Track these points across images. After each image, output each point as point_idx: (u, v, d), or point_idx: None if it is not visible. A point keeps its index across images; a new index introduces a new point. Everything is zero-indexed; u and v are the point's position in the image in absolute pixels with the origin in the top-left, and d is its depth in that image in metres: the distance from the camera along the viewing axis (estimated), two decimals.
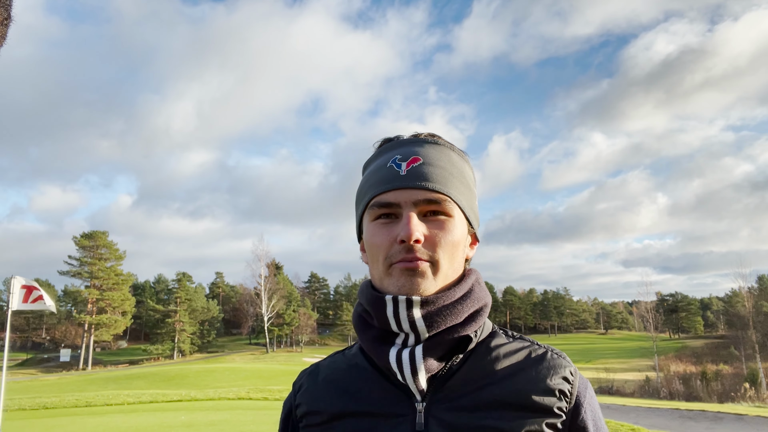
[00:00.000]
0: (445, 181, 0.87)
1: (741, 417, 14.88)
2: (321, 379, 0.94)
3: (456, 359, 0.85)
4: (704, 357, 63.70)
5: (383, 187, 0.87)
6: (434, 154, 0.90)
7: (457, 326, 0.84)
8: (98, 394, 19.29)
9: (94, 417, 12.68)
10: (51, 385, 35.47)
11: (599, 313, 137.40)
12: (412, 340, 0.84)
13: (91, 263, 64.99)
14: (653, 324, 59.07)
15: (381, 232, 0.86)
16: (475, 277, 0.92)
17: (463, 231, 0.89)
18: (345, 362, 0.95)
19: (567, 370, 0.86)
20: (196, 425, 10.69)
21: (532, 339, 0.92)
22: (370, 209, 0.88)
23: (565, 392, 0.83)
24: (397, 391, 0.85)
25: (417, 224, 0.83)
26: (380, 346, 0.85)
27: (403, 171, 0.87)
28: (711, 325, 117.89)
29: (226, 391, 19.08)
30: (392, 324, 0.84)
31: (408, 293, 0.82)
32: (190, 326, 73.96)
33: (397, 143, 0.95)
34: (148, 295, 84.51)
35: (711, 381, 40.93)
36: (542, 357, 0.87)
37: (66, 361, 62.98)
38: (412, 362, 0.81)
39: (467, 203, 0.91)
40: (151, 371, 38.93)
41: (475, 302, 0.87)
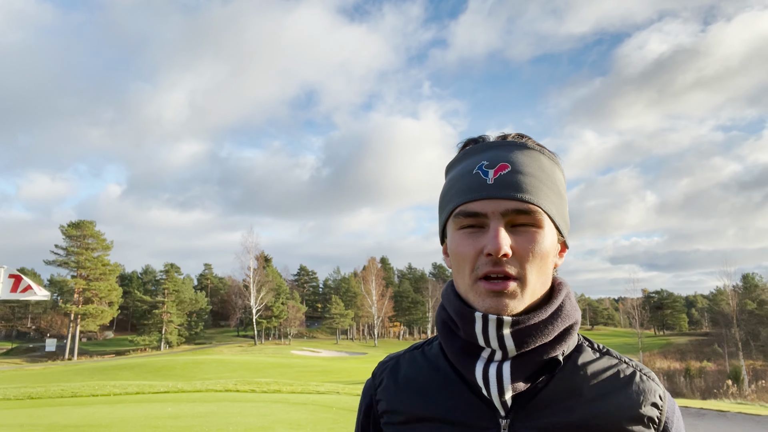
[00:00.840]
0: (535, 190, 0.82)
1: (723, 413, 15.09)
2: (401, 377, 0.92)
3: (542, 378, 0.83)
4: (688, 354, 64.53)
5: (470, 196, 0.83)
6: (523, 160, 0.85)
7: (546, 345, 0.82)
8: (84, 384, 19.19)
9: (80, 407, 12.61)
10: (36, 374, 35.22)
11: (586, 309, 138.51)
12: (499, 356, 0.82)
13: (78, 253, 64.44)
14: (639, 320, 59.68)
15: (466, 242, 0.82)
16: (566, 292, 0.88)
17: (553, 241, 0.85)
18: (425, 362, 0.92)
19: (657, 394, 0.83)
20: (182, 417, 10.67)
21: (620, 355, 0.88)
22: (455, 218, 0.84)
23: (654, 419, 0.80)
24: (481, 403, 0.83)
25: (505, 237, 0.79)
26: (466, 359, 0.83)
27: (491, 179, 0.82)
28: (695, 322, 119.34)
29: (214, 383, 19.05)
30: (480, 340, 0.82)
31: (495, 313, 0.80)
32: (178, 317, 73.65)
33: (483, 146, 0.89)
34: (135, 286, 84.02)
35: (695, 377, 41.49)
36: (631, 378, 0.83)
37: (51, 351, 62.54)
38: (499, 380, 0.80)
39: (557, 211, 0.85)
40: (137, 362, 38.78)
41: (566, 320, 0.84)
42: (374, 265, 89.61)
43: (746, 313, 63.89)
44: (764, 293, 70.62)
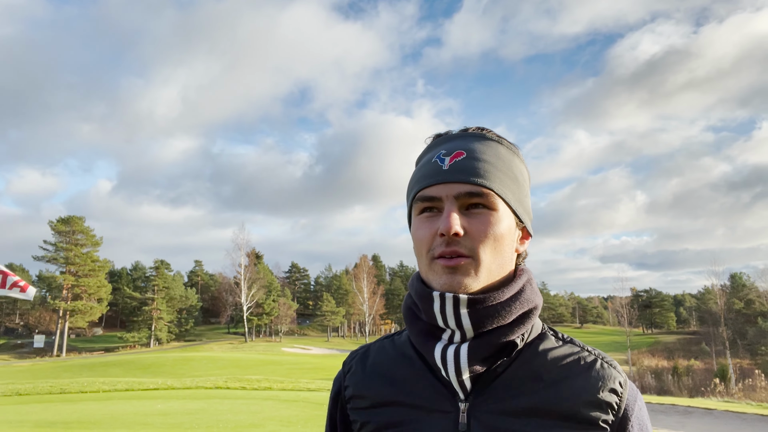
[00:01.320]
0: (488, 174, 0.86)
1: (710, 411, 15.24)
2: (369, 364, 0.95)
3: (501, 362, 0.84)
4: (676, 352, 65.09)
5: (426, 182, 0.87)
6: (480, 148, 0.89)
7: (504, 327, 0.83)
8: (73, 381, 19.07)
9: (69, 404, 12.54)
10: (24, 371, 34.97)
11: (575, 307, 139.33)
12: (458, 337, 0.84)
13: (67, 249, 63.93)
14: (627, 319, 60.15)
15: (424, 225, 0.86)
16: (527, 278, 0.90)
17: (509, 225, 0.87)
18: (393, 350, 0.95)
19: (617, 381, 0.83)
20: (172, 414, 10.64)
21: (584, 344, 0.89)
22: (415, 203, 0.89)
23: (613, 405, 0.81)
24: (443, 387, 0.85)
25: (456, 217, 0.82)
26: (427, 341, 0.85)
27: (446, 165, 0.86)
28: (683, 321, 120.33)
29: (204, 380, 19.01)
30: (439, 320, 0.84)
31: (451, 290, 0.82)
32: (168, 314, 73.27)
33: (445, 138, 0.95)
34: (124, 282, 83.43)
35: (682, 376, 41.86)
36: (591, 365, 0.84)
37: (40, 347, 62.08)
38: (456, 360, 0.81)
39: (514, 197, 0.89)
40: (127, 359, 38.58)
41: (525, 304, 0.86)
42: (366, 262, 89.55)
43: (734, 312, 64.52)
44: (752, 293, 71.31)
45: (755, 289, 71.05)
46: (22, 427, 9.04)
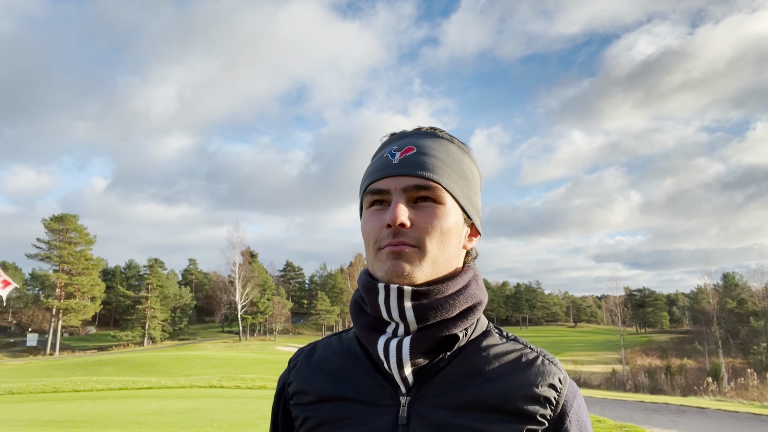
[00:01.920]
0: (436, 168, 0.87)
1: (703, 410, 15.33)
2: (314, 360, 0.96)
3: (443, 356, 0.85)
4: (669, 351, 65.37)
5: (376, 176, 0.88)
6: (430, 144, 0.91)
7: (447, 321, 0.84)
8: (66, 380, 18.99)
9: (62, 403, 12.49)
10: (17, 369, 34.80)
11: (569, 306, 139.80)
12: (401, 330, 0.84)
13: (60, 247, 63.61)
14: (621, 318, 60.33)
15: (372, 218, 0.88)
16: (473, 274, 0.92)
17: (457, 220, 0.88)
18: (339, 346, 0.96)
19: (556, 377, 0.84)
20: (166, 413, 10.61)
21: (527, 342, 0.91)
22: (365, 197, 0.90)
23: (551, 400, 0.82)
24: (385, 382, 0.85)
25: (403, 209, 0.83)
26: (371, 334, 0.86)
27: (396, 160, 0.88)
28: (676, 320, 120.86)
29: (198, 378, 18.97)
30: (383, 312, 0.85)
31: (394, 276, 0.82)
32: (162, 313, 73.02)
33: (398, 136, 0.96)
34: (118, 281, 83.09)
35: (675, 375, 42.06)
36: (532, 362, 0.85)
37: (33, 345, 61.78)
38: (398, 353, 0.82)
39: (462, 193, 0.90)
40: (120, 358, 38.44)
41: (469, 299, 0.87)
42: (361, 261, 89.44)
43: (726, 311, 64.91)
44: (744, 292, 71.78)
45: (747, 289, 71.54)
46: (15, 426, 9.00)
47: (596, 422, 10.15)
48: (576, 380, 43.11)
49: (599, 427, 9.56)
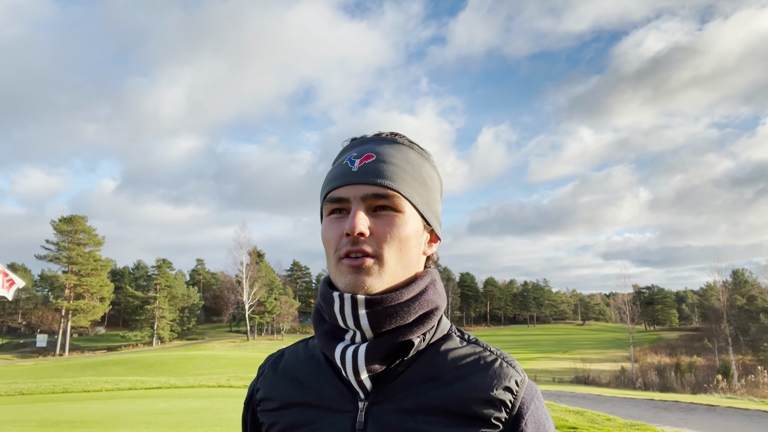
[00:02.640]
0: (395, 176, 0.87)
1: (713, 408, 15.23)
2: (281, 367, 0.97)
3: (401, 361, 0.86)
4: (678, 349, 65.02)
5: (335, 183, 0.88)
6: (390, 152, 0.90)
7: (403, 328, 0.84)
8: (76, 380, 19.10)
9: (72, 403, 12.56)
10: (27, 370, 35.06)
11: (577, 304, 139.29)
12: (359, 337, 0.85)
13: (69, 248, 64.01)
14: (630, 316, 60.02)
15: (332, 226, 0.88)
16: (431, 279, 0.91)
17: (416, 227, 0.89)
18: (305, 352, 0.97)
19: (513, 380, 0.84)
20: (175, 413, 10.65)
21: (488, 345, 0.90)
22: (325, 205, 0.90)
23: (506, 403, 0.82)
24: (345, 388, 0.86)
25: (362, 218, 0.83)
26: (330, 341, 0.87)
27: (355, 167, 0.88)
28: (686, 317, 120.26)
29: (206, 378, 19.04)
30: (339, 320, 0.86)
31: (354, 290, 0.83)
32: (170, 313, 73.35)
33: (357, 142, 0.96)
34: (127, 281, 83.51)
35: (685, 372, 41.79)
36: (490, 364, 0.85)
37: (42, 346, 62.24)
38: (354, 360, 0.83)
39: (421, 200, 0.90)
40: (129, 358, 38.65)
41: (425, 305, 0.87)
42: None
43: (736, 308, 64.46)
44: (754, 289, 71.24)
45: (757, 286, 70.96)
46: (26, 427, 9.06)
47: (606, 421, 10.10)
48: (585, 378, 42.97)
49: (609, 425, 9.51)
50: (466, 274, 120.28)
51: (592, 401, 17.48)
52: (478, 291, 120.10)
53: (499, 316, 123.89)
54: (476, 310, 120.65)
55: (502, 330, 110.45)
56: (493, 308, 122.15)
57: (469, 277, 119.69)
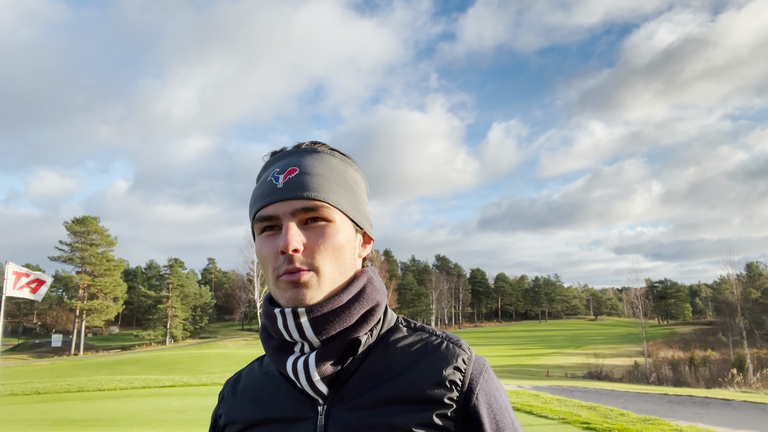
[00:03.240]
0: (321, 187, 0.88)
1: (728, 402, 15.10)
2: (239, 389, 0.98)
3: (350, 361, 0.87)
4: (692, 343, 64.46)
5: (263, 202, 0.88)
6: (312, 163, 0.91)
7: (348, 330, 0.86)
8: (91, 379, 19.29)
9: (87, 402, 12.69)
10: (43, 370, 35.48)
11: (589, 299, 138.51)
12: (307, 348, 0.87)
13: (82, 249, 64.64)
14: (642, 310, 59.56)
15: (266, 245, 0.88)
16: (367, 278, 0.92)
17: (348, 234, 0.90)
18: (260, 370, 0.98)
19: (459, 359, 0.85)
20: (188, 411, 10.72)
21: (434, 329, 0.92)
22: (256, 224, 0.90)
23: (456, 381, 0.83)
24: (303, 397, 0.87)
25: (294, 234, 0.84)
26: (280, 356, 0.88)
27: (280, 183, 0.88)
28: (699, 311, 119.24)
29: (219, 376, 19.13)
30: (285, 334, 0.87)
31: (295, 305, 0.84)
32: (183, 312, 73.91)
33: (279, 156, 0.96)
34: (139, 281, 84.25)
35: (699, 367, 41.46)
36: (437, 347, 0.87)
37: (57, 346, 62.91)
38: (305, 369, 0.84)
39: (350, 206, 0.91)
40: (143, 357, 38.96)
41: (366, 303, 0.88)
42: (378, 257, 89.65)
43: (750, 301, 63.85)
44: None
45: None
46: (42, 426, 9.17)
47: (619, 415, 10.03)
48: (597, 374, 42.73)
49: (622, 420, 9.45)
50: (477, 270, 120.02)
51: (606, 396, 17.38)
52: (489, 287, 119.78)
53: (511, 311, 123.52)
54: (487, 306, 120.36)
55: (513, 326, 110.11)
56: (504, 304, 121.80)
57: (480, 273, 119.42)
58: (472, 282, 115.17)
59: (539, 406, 10.83)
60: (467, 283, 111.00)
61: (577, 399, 13.84)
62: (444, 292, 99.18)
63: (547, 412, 10.17)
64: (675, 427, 8.96)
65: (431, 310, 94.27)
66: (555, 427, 8.80)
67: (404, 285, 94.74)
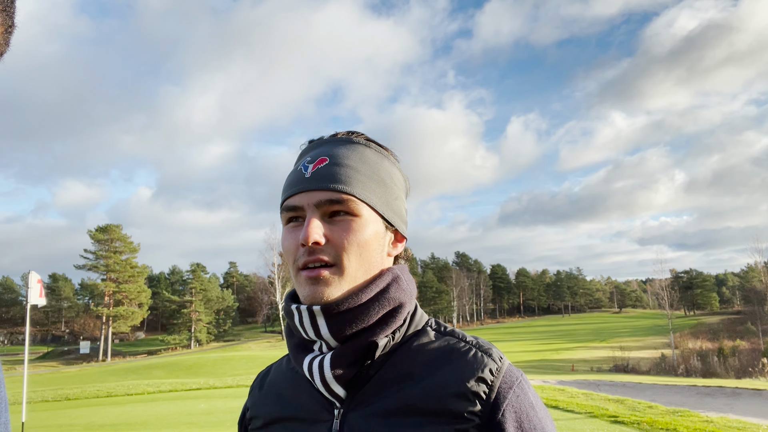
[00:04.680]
0: (350, 179, 0.84)
1: (759, 392, 14.80)
2: (266, 383, 0.97)
3: (371, 364, 0.83)
4: (720, 333, 63.26)
5: (290, 191, 0.86)
6: (344, 153, 0.87)
7: (367, 330, 0.82)
8: (119, 384, 19.60)
9: (116, 407, 12.88)
10: (72, 376, 36.12)
11: (613, 292, 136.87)
12: (325, 347, 0.83)
13: (106, 256, 65.71)
14: (668, 301, 58.67)
15: (289, 236, 0.85)
16: (392, 277, 0.87)
17: (376, 230, 0.85)
18: (287, 366, 0.96)
19: (486, 369, 0.78)
20: (215, 413, 10.83)
21: (464, 335, 0.86)
22: (282, 214, 0.87)
23: (480, 394, 0.76)
24: (321, 397, 0.85)
25: (316, 226, 0.80)
26: (299, 354, 0.86)
27: (308, 173, 0.85)
28: (726, 300, 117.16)
29: (244, 378, 19.29)
30: (302, 332, 0.84)
31: (313, 301, 0.81)
32: (206, 316, 74.74)
33: (312, 145, 0.93)
34: (163, 287, 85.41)
35: (728, 357, 40.72)
36: (463, 355, 0.81)
37: (86, 353, 64.00)
38: (320, 370, 0.81)
39: (380, 201, 0.87)
40: (169, 361, 39.46)
41: (387, 303, 0.83)
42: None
43: None
44: None
45: None
46: (72, 430, 9.33)
47: (647, 408, 9.89)
48: (624, 366, 42.17)
49: (651, 412, 9.31)
50: (497, 265, 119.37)
51: (633, 389, 17.15)
52: (510, 282, 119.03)
53: (533, 306, 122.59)
54: (509, 302, 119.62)
55: (536, 321, 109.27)
56: (526, 299, 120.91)
57: (500, 269, 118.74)
58: (493, 278, 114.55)
59: (565, 401, 10.73)
60: (488, 279, 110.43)
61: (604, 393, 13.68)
62: (464, 288, 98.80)
63: (573, 406, 10.07)
64: (705, 419, 8.81)
65: (452, 307, 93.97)
66: (582, 421, 8.71)
67: (424, 283, 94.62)
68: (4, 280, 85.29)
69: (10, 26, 0.61)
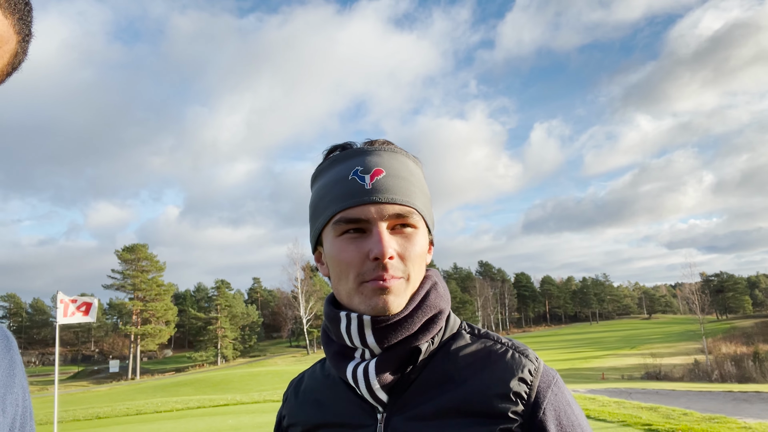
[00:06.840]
0: (410, 193, 0.86)
1: None
2: (302, 391, 0.98)
3: (412, 368, 0.85)
4: (755, 337, 61.58)
5: (350, 202, 0.83)
6: (395, 165, 0.88)
7: (410, 338, 0.83)
8: (148, 402, 19.77)
9: (145, 424, 12.98)
10: (102, 395, 36.59)
11: (641, 297, 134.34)
12: (368, 354, 0.85)
13: (133, 276, 66.76)
14: (699, 306, 57.34)
15: (349, 247, 0.83)
16: (431, 284, 0.89)
17: (426, 240, 0.89)
18: (322, 373, 0.97)
19: (526, 369, 0.81)
20: (243, 428, 10.85)
21: (499, 336, 0.88)
22: (336, 225, 0.85)
23: (521, 394, 0.79)
24: (363, 403, 0.86)
25: (389, 240, 0.81)
26: (341, 361, 0.87)
27: (368, 185, 0.84)
28: (760, 303, 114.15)
29: (271, 393, 19.31)
30: (346, 339, 0.85)
31: (377, 312, 0.81)
32: (232, 332, 75.26)
33: (352, 152, 0.90)
34: (189, 304, 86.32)
35: (764, 361, 39.57)
36: (501, 357, 0.83)
37: (115, 371, 64.84)
38: (365, 377, 0.82)
39: (427, 211, 0.90)
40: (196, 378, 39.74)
41: (428, 310, 0.85)
42: None
43: None
44: None
45: None
46: None
47: (682, 415, 9.63)
48: (656, 374, 41.25)
49: (686, 420, 9.06)
50: (521, 274, 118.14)
51: (666, 397, 16.74)
52: (534, 290, 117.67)
53: (559, 314, 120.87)
54: (534, 311, 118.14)
55: (563, 329, 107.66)
56: (552, 307, 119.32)
57: (525, 277, 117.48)
58: (518, 286, 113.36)
59: (596, 410, 10.51)
60: (512, 288, 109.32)
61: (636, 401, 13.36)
62: (489, 298, 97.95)
63: (605, 415, 9.85)
64: (744, 425, 8.54)
65: (477, 317, 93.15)
66: (615, 429, 8.52)
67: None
68: (35, 302, 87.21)
69: (28, 35, 0.61)
